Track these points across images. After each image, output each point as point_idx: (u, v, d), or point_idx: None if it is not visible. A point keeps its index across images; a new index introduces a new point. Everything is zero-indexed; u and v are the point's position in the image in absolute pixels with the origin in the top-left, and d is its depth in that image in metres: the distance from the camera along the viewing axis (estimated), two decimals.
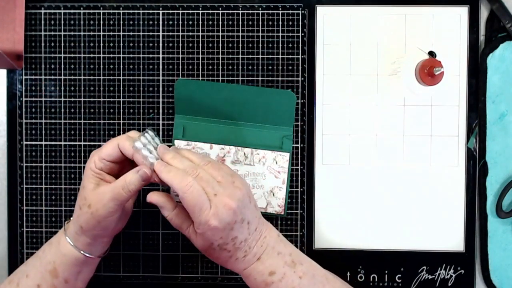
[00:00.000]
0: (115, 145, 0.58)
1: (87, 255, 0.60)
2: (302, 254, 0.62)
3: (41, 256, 0.61)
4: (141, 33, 0.71)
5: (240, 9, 0.71)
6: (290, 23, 0.71)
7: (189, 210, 0.55)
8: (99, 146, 0.71)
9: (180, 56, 0.71)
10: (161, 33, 0.71)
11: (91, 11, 0.71)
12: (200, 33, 0.71)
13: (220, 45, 0.71)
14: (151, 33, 0.71)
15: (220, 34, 0.71)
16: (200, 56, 0.71)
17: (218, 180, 0.57)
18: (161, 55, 0.71)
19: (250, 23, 0.71)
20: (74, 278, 0.61)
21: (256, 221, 0.58)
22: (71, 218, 0.62)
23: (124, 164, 0.61)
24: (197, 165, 0.57)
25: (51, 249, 0.61)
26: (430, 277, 0.71)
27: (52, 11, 0.71)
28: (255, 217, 0.58)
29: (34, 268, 0.60)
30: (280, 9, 0.71)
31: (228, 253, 0.57)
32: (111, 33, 0.71)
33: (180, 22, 0.71)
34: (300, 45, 0.71)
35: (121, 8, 0.71)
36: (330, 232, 0.71)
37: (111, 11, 0.71)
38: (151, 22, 0.71)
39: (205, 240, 0.56)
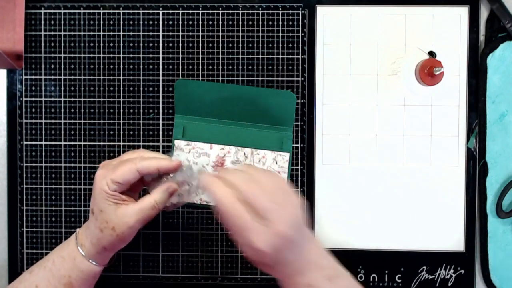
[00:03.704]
0: (133, 170, 0.56)
1: (104, 266, 0.62)
2: (342, 269, 0.58)
3: (52, 268, 0.60)
4: (141, 33, 0.71)
5: (240, 9, 0.71)
6: (290, 23, 0.71)
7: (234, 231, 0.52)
8: (99, 146, 0.71)
9: (180, 56, 0.71)
10: (161, 33, 0.71)
11: (91, 11, 0.71)
12: (200, 33, 0.71)
13: (220, 45, 0.71)
14: (151, 33, 0.71)
15: (220, 34, 0.71)
16: (200, 56, 0.71)
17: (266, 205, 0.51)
18: (161, 55, 0.71)
19: (250, 23, 0.71)
20: None
21: (303, 239, 0.54)
22: (79, 230, 0.61)
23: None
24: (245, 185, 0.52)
25: (64, 264, 0.60)
26: (430, 277, 0.71)
27: (52, 11, 0.71)
28: (304, 235, 0.54)
29: (45, 281, 0.60)
30: (280, 9, 0.71)
31: (273, 269, 0.54)
32: (111, 33, 0.71)
33: (180, 22, 0.71)
34: (300, 45, 0.71)
35: (121, 8, 0.71)
36: (330, 232, 0.71)
37: (111, 11, 0.71)
38: (151, 22, 0.71)
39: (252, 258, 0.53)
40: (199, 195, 0.68)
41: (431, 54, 0.70)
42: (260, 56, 0.71)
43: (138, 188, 0.61)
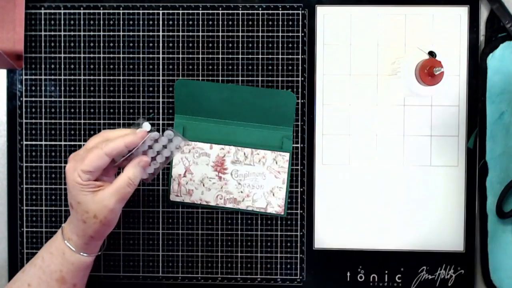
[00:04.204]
0: (101, 155, 0.56)
1: (95, 255, 0.62)
2: None
3: (42, 265, 0.60)
4: (141, 33, 0.71)
5: (240, 9, 0.71)
6: (290, 23, 0.71)
7: None
8: None
9: (180, 56, 0.71)
10: (161, 33, 0.71)
11: (91, 11, 0.71)
12: (200, 33, 0.71)
13: (220, 45, 0.71)
14: (151, 33, 0.71)
15: (220, 34, 0.71)
16: (200, 56, 0.71)
17: None
18: (161, 55, 0.71)
19: (250, 23, 0.71)
20: (81, 280, 0.62)
21: None
22: (64, 225, 0.61)
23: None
24: None
25: (54, 259, 0.60)
26: (430, 277, 0.71)
27: (52, 11, 0.71)
28: None
29: (36, 278, 0.60)
30: (280, 9, 0.71)
31: None
32: (111, 33, 0.71)
33: (180, 22, 0.71)
34: (300, 45, 0.71)
35: (121, 8, 0.71)
36: (330, 232, 0.71)
37: (111, 11, 0.71)
38: (151, 22, 0.71)
39: None
40: (174, 156, 0.67)
41: (431, 54, 0.70)
42: (260, 56, 0.71)
43: (112, 171, 0.61)
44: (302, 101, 0.71)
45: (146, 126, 0.59)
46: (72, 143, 0.71)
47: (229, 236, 0.71)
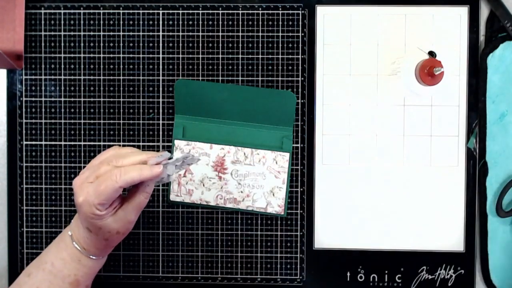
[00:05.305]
0: (116, 188, 0.55)
1: (107, 255, 0.63)
2: None
3: (52, 270, 0.60)
4: (141, 33, 0.71)
5: (240, 9, 0.71)
6: (290, 23, 0.71)
7: None
8: (99, 146, 0.71)
9: (180, 56, 0.71)
10: (161, 33, 0.71)
11: (91, 11, 0.71)
12: (200, 33, 0.71)
13: (220, 45, 0.71)
14: (151, 33, 0.71)
15: (220, 34, 0.71)
16: (200, 56, 0.71)
17: None
18: (161, 55, 0.71)
19: (250, 23, 0.71)
20: (91, 281, 0.63)
21: None
22: (74, 235, 0.60)
23: None
24: None
25: (67, 265, 0.60)
26: (430, 277, 0.71)
27: (52, 11, 0.71)
28: None
29: (47, 282, 0.60)
30: (280, 9, 0.71)
31: None
32: (111, 33, 0.71)
33: (180, 22, 0.71)
34: (300, 45, 0.71)
35: (121, 8, 0.71)
36: (330, 232, 0.71)
37: (111, 11, 0.71)
38: (151, 22, 0.71)
39: None
40: (182, 170, 0.69)
41: (431, 54, 0.70)
42: (260, 56, 0.71)
43: None
44: (302, 101, 0.71)
45: (167, 155, 0.58)
46: (72, 143, 0.71)
47: (229, 236, 0.71)
